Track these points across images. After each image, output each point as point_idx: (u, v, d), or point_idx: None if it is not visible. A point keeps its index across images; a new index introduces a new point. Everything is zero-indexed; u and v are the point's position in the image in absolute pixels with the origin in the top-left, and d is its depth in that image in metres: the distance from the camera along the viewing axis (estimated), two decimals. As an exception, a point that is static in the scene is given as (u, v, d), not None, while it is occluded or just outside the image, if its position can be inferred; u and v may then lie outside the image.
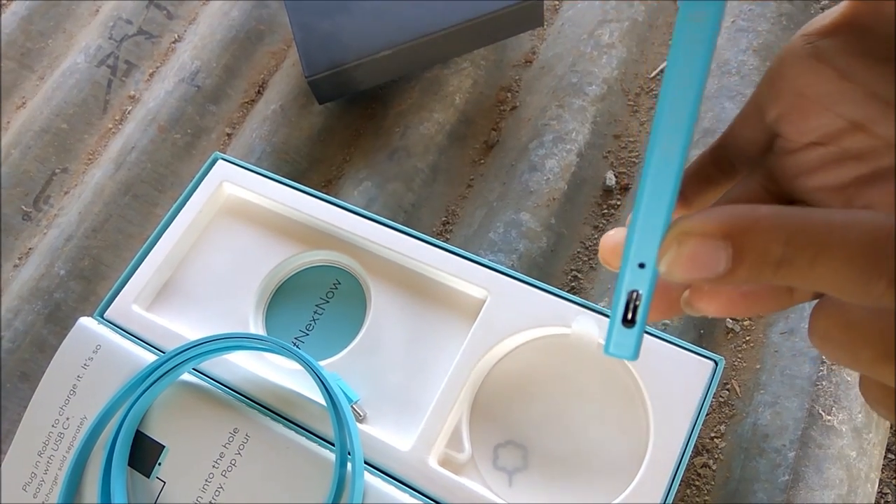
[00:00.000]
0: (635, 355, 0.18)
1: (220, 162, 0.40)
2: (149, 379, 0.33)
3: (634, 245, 0.17)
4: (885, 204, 0.19)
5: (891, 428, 0.35)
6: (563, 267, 0.41)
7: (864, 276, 0.14)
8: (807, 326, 0.36)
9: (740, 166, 0.22)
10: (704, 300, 0.19)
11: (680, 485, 0.32)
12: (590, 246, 0.42)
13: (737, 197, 0.22)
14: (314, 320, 0.37)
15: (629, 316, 0.18)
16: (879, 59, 0.18)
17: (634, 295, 0.18)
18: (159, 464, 0.33)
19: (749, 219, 0.16)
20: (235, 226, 0.40)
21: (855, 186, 0.20)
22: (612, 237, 0.21)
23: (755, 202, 0.22)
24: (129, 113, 0.50)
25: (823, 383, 0.34)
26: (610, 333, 0.18)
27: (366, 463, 0.32)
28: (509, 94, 0.48)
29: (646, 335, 0.32)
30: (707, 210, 0.16)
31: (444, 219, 0.44)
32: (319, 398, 0.33)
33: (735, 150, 0.22)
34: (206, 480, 0.32)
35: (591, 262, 0.41)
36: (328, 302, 0.38)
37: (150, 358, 0.35)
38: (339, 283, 0.38)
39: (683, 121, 0.16)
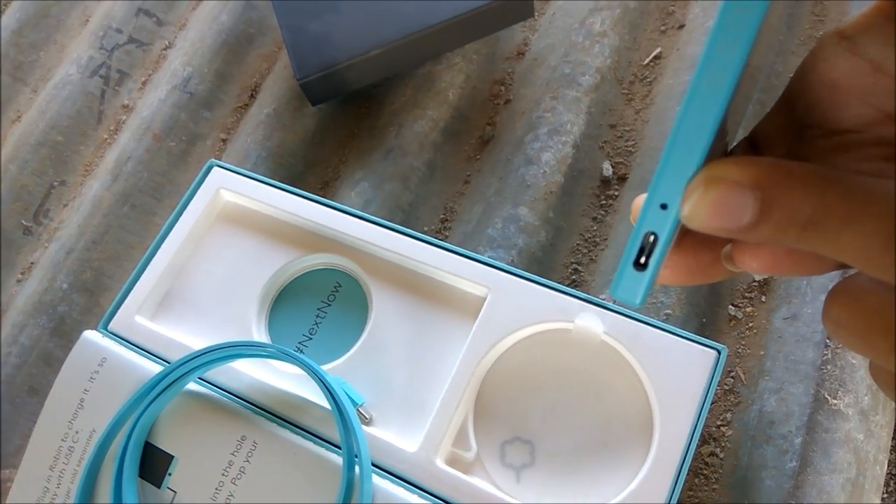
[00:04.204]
0: (641, 301, 0.18)
1: (215, 169, 0.40)
2: (155, 390, 0.33)
3: (660, 184, 0.16)
4: None
5: (897, 409, 0.35)
6: (563, 260, 0.41)
7: (890, 253, 0.14)
8: (810, 311, 0.36)
9: (768, 154, 0.22)
10: (748, 255, 0.18)
11: (688, 474, 0.32)
12: (589, 238, 0.42)
13: None
14: (317, 324, 0.37)
15: (642, 259, 0.17)
16: None
17: (651, 237, 0.17)
18: (169, 474, 0.33)
19: (783, 172, 0.15)
20: (234, 232, 0.40)
21: (883, 160, 0.19)
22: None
23: None
24: (123, 123, 0.50)
25: (828, 367, 0.34)
26: (620, 276, 0.17)
27: (373, 465, 0.32)
28: (503, 88, 0.48)
29: (648, 327, 0.32)
30: (741, 158, 0.16)
31: (442, 216, 0.44)
32: (325, 402, 0.33)
33: (764, 140, 0.22)
34: (217, 489, 0.32)
35: (591, 254, 0.41)
36: (330, 305, 0.38)
37: (155, 369, 0.35)
38: (340, 286, 0.38)
39: (736, 56, 0.15)
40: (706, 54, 0.15)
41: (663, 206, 0.16)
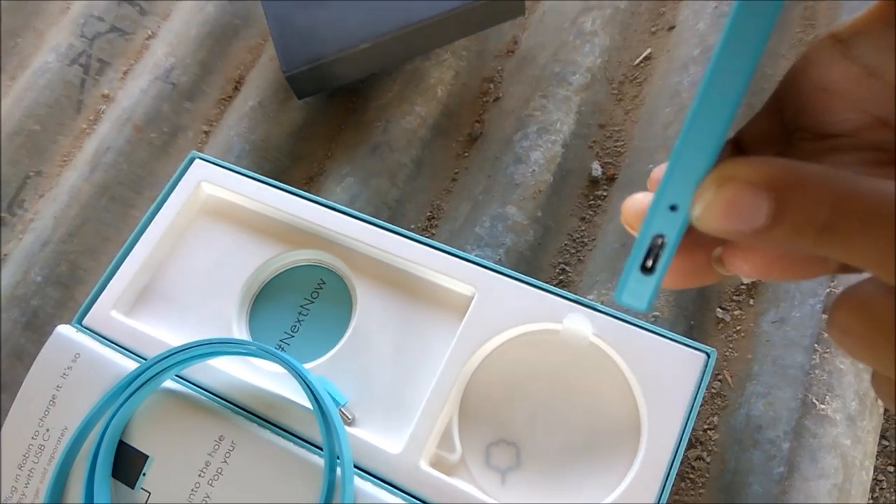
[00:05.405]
0: (648, 306, 0.17)
1: (197, 161, 0.39)
2: (130, 387, 0.32)
3: (669, 184, 0.16)
4: None
5: (884, 414, 0.34)
6: (551, 260, 0.41)
7: None
8: (798, 315, 0.36)
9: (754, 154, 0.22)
10: (739, 257, 0.18)
11: (674, 478, 0.31)
12: (577, 238, 0.41)
13: None
14: (299, 321, 0.36)
15: (649, 263, 0.17)
16: None
17: (659, 240, 0.16)
18: (143, 474, 0.32)
19: (800, 174, 0.15)
20: (215, 227, 0.39)
21: (873, 165, 0.19)
22: (639, 200, 0.20)
23: None
24: (103, 113, 0.49)
25: (816, 372, 0.34)
26: (625, 280, 0.17)
27: (356, 467, 0.31)
28: (492, 85, 0.47)
29: (637, 329, 0.32)
30: (754, 157, 0.15)
31: (429, 214, 0.43)
32: (306, 402, 0.32)
33: (751, 142, 0.22)
34: (193, 490, 0.31)
35: (578, 254, 0.41)
36: (313, 302, 0.37)
37: (131, 365, 0.34)
38: (324, 283, 0.37)
39: (750, 51, 0.14)
40: (723, 45, 0.14)
41: (672, 208, 0.16)
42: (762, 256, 0.18)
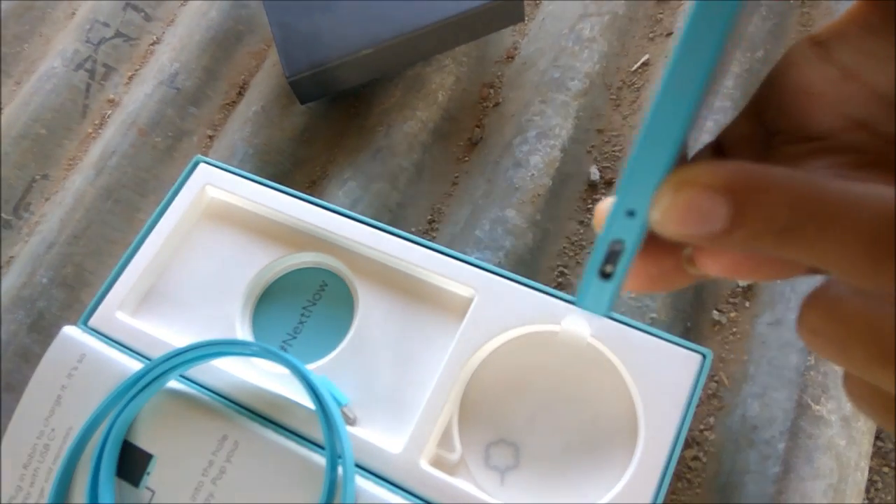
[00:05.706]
0: (607, 311, 0.17)
1: (201, 165, 0.40)
2: (135, 387, 0.33)
3: (626, 190, 0.15)
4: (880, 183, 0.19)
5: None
6: (550, 263, 0.41)
7: (872, 258, 0.13)
8: (793, 317, 0.36)
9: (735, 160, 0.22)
10: (707, 257, 0.18)
11: (671, 478, 0.32)
12: (575, 241, 0.42)
13: None
14: (301, 323, 0.37)
15: (608, 269, 0.16)
16: (886, 59, 0.18)
17: (618, 246, 0.16)
18: (147, 473, 0.33)
19: (759, 176, 0.14)
20: (219, 229, 0.39)
21: (852, 168, 0.19)
22: (609, 204, 0.20)
23: None
24: (108, 117, 0.50)
25: (811, 373, 0.34)
26: (586, 286, 0.17)
27: (357, 466, 0.32)
28: (492, 91, 0.48)
29: (634, 331, 0.33)
30: (713, 161, 0.15)
31: (429, 217, 0.44)
32: (308, 402, 0.33)
33: (730, 145, 0.22)
34: (196, 489, 0.32)
35: (577, 257, 0.41)
36: (315, 304, 0.37)
37: (135, 366, 0.34)
38: (326, 285, 0.38)
39: (707, 52, 0.14)
40: (678, 50, 0.14)
41: (630, 213, 0.16)
42: (730, 257, 0.18)
